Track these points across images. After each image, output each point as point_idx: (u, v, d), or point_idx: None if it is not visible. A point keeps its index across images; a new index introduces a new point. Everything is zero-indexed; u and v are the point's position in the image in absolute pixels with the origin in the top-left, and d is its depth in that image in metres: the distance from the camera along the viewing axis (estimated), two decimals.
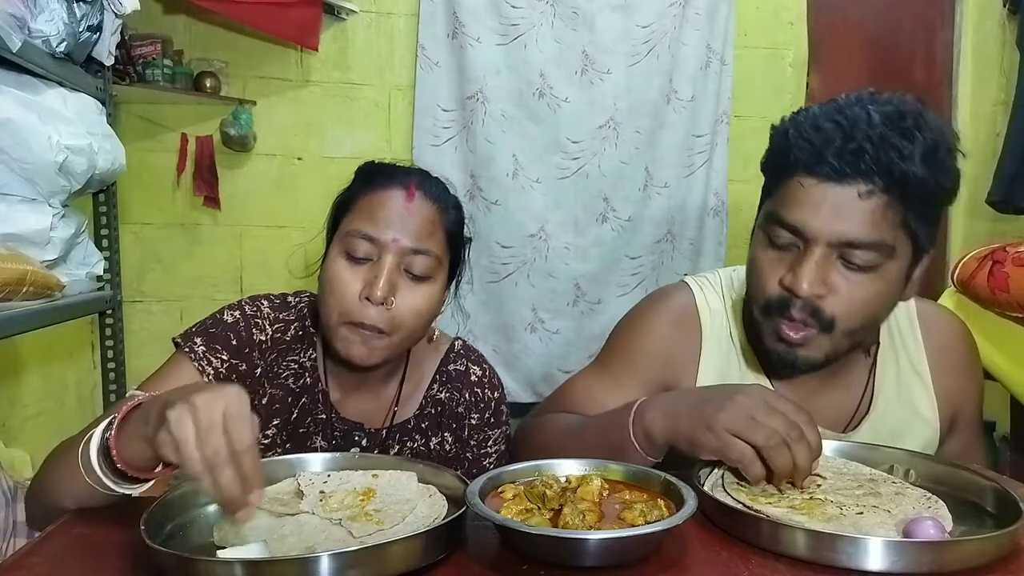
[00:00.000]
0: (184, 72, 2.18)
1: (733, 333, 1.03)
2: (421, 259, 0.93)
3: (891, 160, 0.82)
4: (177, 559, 0.60)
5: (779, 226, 0.89)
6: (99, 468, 0.69)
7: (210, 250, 2.36)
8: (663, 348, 1.03)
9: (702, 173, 2.49)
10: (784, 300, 0.88)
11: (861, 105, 0.85)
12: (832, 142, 0.83)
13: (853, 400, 1.02)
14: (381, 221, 0.92)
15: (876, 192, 0.83)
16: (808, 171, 0.85)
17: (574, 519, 0.67)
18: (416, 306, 0.94)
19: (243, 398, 0.63)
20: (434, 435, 1.06)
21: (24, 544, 0.73)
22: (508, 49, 2.34)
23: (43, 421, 1.91)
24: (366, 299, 0.90)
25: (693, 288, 1.07)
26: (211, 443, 0.60)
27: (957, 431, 1.06)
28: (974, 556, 0.65)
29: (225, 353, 0.95)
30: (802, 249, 0.87)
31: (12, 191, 1.41)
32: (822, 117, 0.86)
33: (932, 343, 1.04)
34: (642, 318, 1.08)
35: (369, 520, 0.70)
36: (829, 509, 0.74)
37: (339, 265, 0.93)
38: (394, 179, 0.96)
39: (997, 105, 2.69)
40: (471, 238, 1.04)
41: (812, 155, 0.85)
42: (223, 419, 0.61)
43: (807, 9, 2.60)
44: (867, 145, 0.82)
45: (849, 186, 0.83)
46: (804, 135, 0.86)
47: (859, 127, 0.83)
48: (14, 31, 1.31)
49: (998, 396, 1.87)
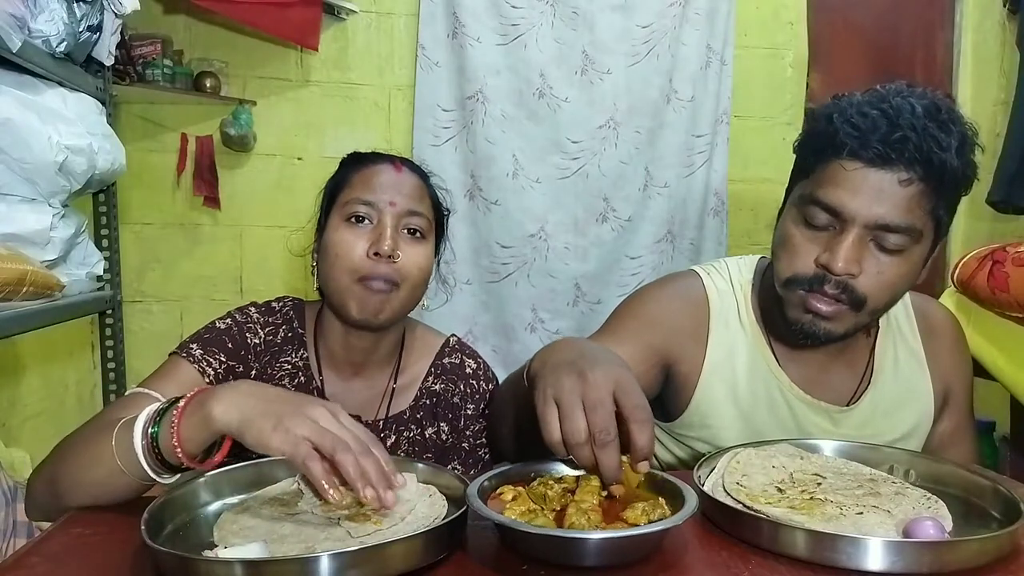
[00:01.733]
0: (184, 72, 2.18)
1: (742, 314, 1.06)
2: (416, 219, 1.01)
3: (931, 150, 0.86)
4: (177, 559, 0.60)
5: (816, 206, 0.91)
6: (142, 454, 0.72)
7: (210, 250, 2.36)
8: (672, 319, 1.05)
9: (702, 173, 2.49)
10: (818, 277, 0.92)
11: (903, 96, 0.89)
12: (878, 128, 0.87)
13: (856, 377, 1.07)
14: (377, 187, 1.01)
15: (915, 180, 0.87)
16: (853, 155, 0.88)
17: (579, 519, 0.67)
18: (418, 261, 1.01)
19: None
20: (430, 425, 1.08)
21: (24, 544, 0.73)
22: (508, 49, 2.34)
23: (43, 421, 1.91)
24: (375, 255, 0.97)
25: (700, 274, 1.10)
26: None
27: (949, 411, 1.11)
28: (974, 556, 0.65)
29: (222, 355, 0.99)
30: (838, 229, 0.91)
31: (12, 191, 1.41)
32: (867, 104, 0.89)
33: (925, 328, 1.11)
34: (651, 291, 1.10)
35: (367, 520, 0.70)
36: (829, 509, 0.74)
37: (343, 231, 1.00)
38: (381, 157, 1.06)
39: (997, 105, 2.69)
40: (450, 212, 1.11)
41: (858, 140, 0.88)
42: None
43: (807, 9, 2.60)
44: (911, 134, 0.86)
45: (890, 172, 0.87)
46: (851, 120, 0.89)
47: (904, 116, 0.86)
48: (14, 31, 1.31)
49: (998, 396, 1.87)
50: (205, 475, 0.77)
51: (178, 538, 0.70)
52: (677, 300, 1.07)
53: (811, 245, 0.93)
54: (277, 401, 0.71)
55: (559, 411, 0.70)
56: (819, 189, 0.91)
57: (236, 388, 0.73)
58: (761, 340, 1.05)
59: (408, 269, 0.99)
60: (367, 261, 0.97)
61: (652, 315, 1.05)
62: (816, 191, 0.92)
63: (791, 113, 2.64)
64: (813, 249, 0.92)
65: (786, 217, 0.98)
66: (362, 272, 0.97)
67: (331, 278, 1.00)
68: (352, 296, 0.98)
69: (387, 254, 0.96)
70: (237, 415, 0.69)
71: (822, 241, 0.92)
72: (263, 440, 0.67)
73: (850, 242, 0.89)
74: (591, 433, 0.68)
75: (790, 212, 0.97)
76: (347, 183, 1.03)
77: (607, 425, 0.68)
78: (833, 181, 0.90)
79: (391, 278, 0.98)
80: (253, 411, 0.69)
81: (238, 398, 0.71)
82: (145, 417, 0.74)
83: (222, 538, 0.68)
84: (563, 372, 0.72)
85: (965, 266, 1.61)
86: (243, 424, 0.69)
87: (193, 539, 0.70)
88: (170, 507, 0.72)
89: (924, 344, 1.10)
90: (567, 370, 0.72)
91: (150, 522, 0.65)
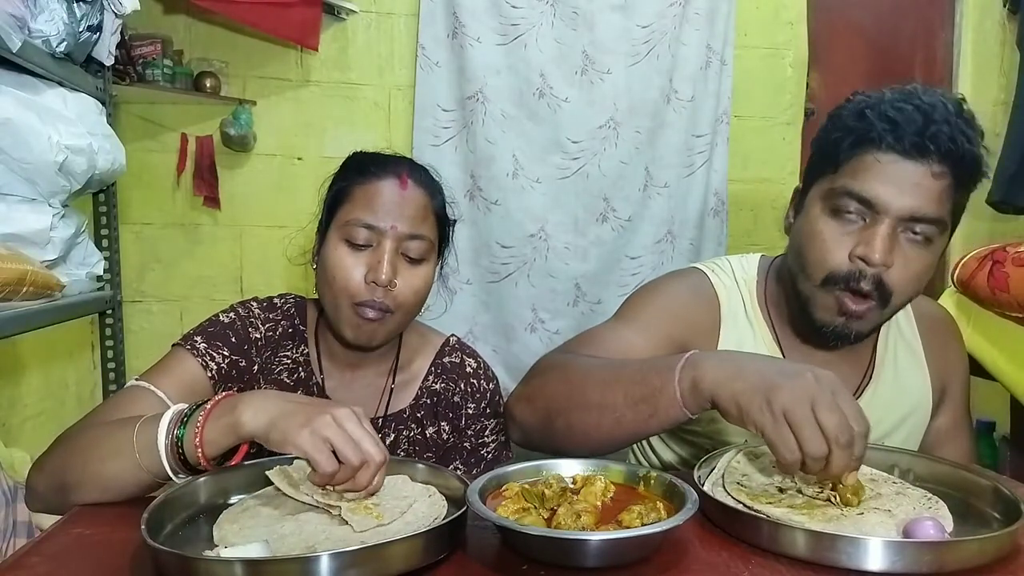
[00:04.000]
0: (184, 72, 2.18)
1: (748, 311, 1.07)
2: (417, 243, 1.00)
3: (963, 144, 0.89)
4: (178, 558, 0.60)
5: (849, 197, 0.92)
6: (165, 454, 0.75)
7: (210, 250, 2.36)
8: (688, 312, 1.05)
9: (702, 173, 2.49)
10: (852, 272, 0.92)
11: (931, 93, 0.91)
12: (915, 122, 0.88)
13: (859, 372, 1.08)
14: (380, 209, 0.98)
15: (947, 173, 0.89)
16: (888, 147, 0.89)
17: (568, 520, 0.68)
18: (415, 286, 1.00)
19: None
20: (430, 424, 1.08)
21: (24, 544, 0.73)
22: (508, 49, 2.34)
23: (43, 421, 1.91)
24: (372, 282, 0.96)
25: (705, 270, 1.11)
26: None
27: (945, 407, 1.13)
28: (974, 556, 0.65)
29: (226, 349, 1.00)
30: (869, 222, 0.92)
31: (12, 191, 1.41)
32: (899, 100, 0.91)
33: (923, 326, 1.13)
34: (664, 285, 1.10)
35: (369, 513, 0.70)
36: (830, 509, 0.74)
37: (341, 252, 0.98)
38: (386, 168, 1.01)
39: (997, 105, 2.69)
40: (456, 220, 1.09)
41: (894, 132, 0.89)
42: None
43: (807, 9, 2.60)
44: (945, 128, 0.88)
45: (925, 165, 0.89)
46: (886, 114, 0.90)
47: (938, 111, 0.89)
48: (14, 31, 1.31)
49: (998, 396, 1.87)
50: (204, 475, 0.77)
51: (178, 537, 0.70)
52: (690, 294, 1.07)
53: (844, 238, 0.93)
54: (304, 404, 0.74)
55: (793, 429, 0.69)
56: (852, 180, 0.92)
57: (264, 395, 0.77)
58: (768, 336, 1.05)
59: (405, 296, 0.99)
60: (363, 288, 0.97)
61: (670, 307, 1.05)
62: (850, 182, 0.92)
63: (791, 113, 2.64)
64: (847, 242, 0.92)
65: (810, 213, 0.97)
66: (358, 298, 0.97)
67: (327, 296, 1.00)
68: (346, 320, 0.98)
69: (384, 284, 0.96)
70: (265, 419, 0.73)
71: (854, 234, 0.92)
72: (289, 438, 0.71)
73: (885, 233, 0.90)
74: (827, 440, 0.68)
75: (814, 207, 0.96)
76: (349, 197, 1.01)
77: (836, 427, 0.68)
78: (868, 172, 0.91)
79: (386, 307, 0.97)
80: (281, 412, 0.73)
81: (266, 403, 0.74)
82: (171, 417, 0.77)
83: (222, 538, 0.68)
84: (782, 387, 0.71)
85: (965, 266, 1.61)
86: (270, 426, 0.72)
87: (193, 539, 0.70)
88: (170, 507, 0.72)
89: (923, 342, 1.11)
90: (785, 380, 0.71)
91: (150, 522, 0.65)
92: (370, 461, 0.71)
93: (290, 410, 0.73)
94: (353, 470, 0.71)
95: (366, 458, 0.71)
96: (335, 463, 0.70)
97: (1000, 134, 2.45)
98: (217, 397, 0.77)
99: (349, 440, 0.71)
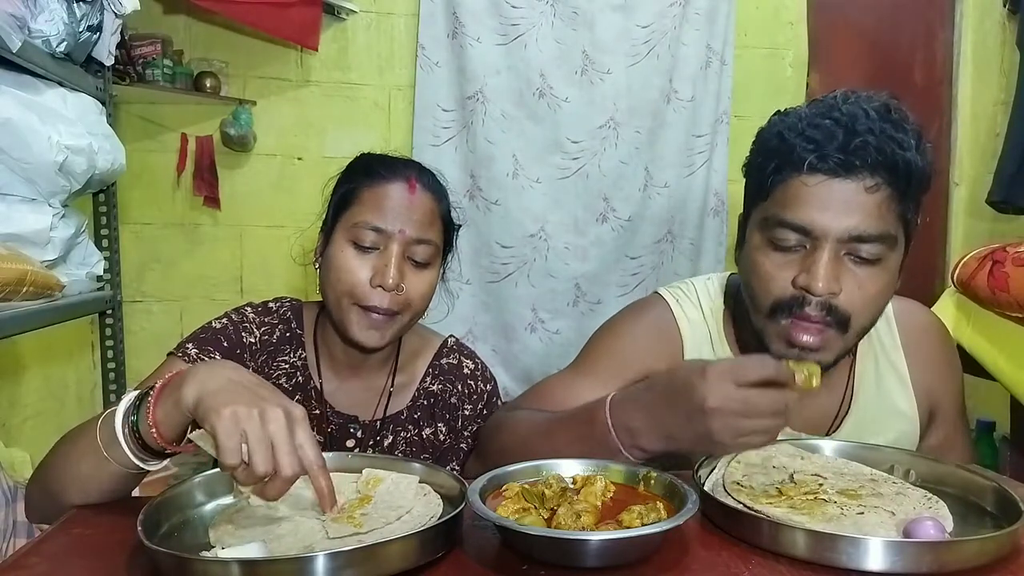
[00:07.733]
0: (184, 72, 2.18)
1: (715, 343, 1.02)
2: (423, 248, 1.00)
3: (894, 152, 0.83)
4: (175, 559, 0.60)
5: (783, 227, 0.87)
6: (124, 441, 0.71)
7: (210, 250, 2.36)
8: (644, 357, 1.01)
9: (702, 173, 2.49)
10: (796, 299, 0.87)
11: (851, 102, 0.86)
12: (835, 137, 0.84)
13: (835, 402, 1.02)
14: (388, 213, 0.98)
15: (882, 185, 0.84)
16: (812, 169, 0.85)
17: (568, 520, 0.67)
18: (421, 290, 1.01)
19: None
20: (427, 425, 1.08)
21: (24, 544, 0.73)
22: (508, 49, 2.34)
23: (43, 421, 1.91)
24: (378, 286, 0.96)
25: (669, 300, 1.05)
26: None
27: (936, 425, 1.06)
28: (974, 556, 0.65)
29: (217, 354, 0.99)
30: (810, 248, 0.87)
31: (12, 191, 1.41)
32: (816, 116, 0.86)
33: (908, 339, 1.05)
34: (621, 326, 1.06)
35: (351, 522, 0.69)
36: (830, 509, 0.74)
37: (348, 254, 0.98)
38: (395, 171, 1.01)
39: (997, 105, 2.69)
40: (460, 225, 1.10)
41: (816, 152, 0.84)
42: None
43: (807, 9, 2.60)
44: (870, 138, 0.83)
45: (855, 180, 0.84)
46: (804, 133, 0.86)
47: (859, 121, 0.84)
48: (14, 31, 1.31)
49: (998, 396, 1.87)
50: (201, 476, 0.76)
51: (174, 538, 0.70)
52: (648, 338, 1.02)
53: (786, 268, 0.88)
54: (248, 388, 0.67)
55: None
56: (783, 209, 0.87)
57: (213, 367, 0.70)
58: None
59: (411, 298, 0.99)
60: (369, 290, 0.97)
61: (626, 353, 1.01)
62: (780, 212, 0.87)
63: None
64: (788, 273, 0.88)
65: (750, 245, 0.93)
66: (364, 301, 0.97)
67: (332, 296, 1.00)
68: (351, 320, 0.98)
69: (391, 288, 0.96)
70: (199, 390, 0.67)
71: (795, 263, 0.87)
72: (209, 417, 0.64)
73: (826, 259, 0.85)
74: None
75: (753, 237, 0.92)
76: (357, 198, 1.00)
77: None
78: (797, 199, 0.86)
79: (392, 310, 0.97)
80: (218, 387, 0.67)
81: (211, 375, 0.68)
82: (126, 403, 0.73)
83: (218, 538, 0.67)
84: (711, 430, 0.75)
85: (965, 266, 1.61)
86: (199, 399, 0.66)
87: (189, 539, 0.70)
88: (166, 507, 0.72)
89: (907, 357, 1.04)
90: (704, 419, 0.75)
91: (146, 523, 0.65)
92: (279, 473, 0.64)
93: (227, 388, 0.66)
94: (257, 476, 0.64)
95: (277, 469, 0.64)
96: (238, 458, 0.64)
97: (1000, 134, 2.45)
98: (169, 374, 0.72)
99: (265, 443, 0.64)
